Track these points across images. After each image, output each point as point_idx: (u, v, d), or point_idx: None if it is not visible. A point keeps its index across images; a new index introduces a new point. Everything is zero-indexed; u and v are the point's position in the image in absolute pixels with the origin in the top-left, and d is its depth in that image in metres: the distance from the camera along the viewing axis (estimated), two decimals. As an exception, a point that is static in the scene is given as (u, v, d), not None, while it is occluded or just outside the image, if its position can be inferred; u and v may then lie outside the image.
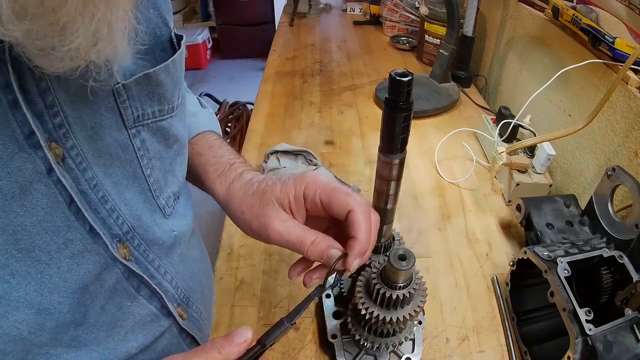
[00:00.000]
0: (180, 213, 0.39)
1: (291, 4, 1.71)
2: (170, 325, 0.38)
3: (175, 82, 0.33)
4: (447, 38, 1.04)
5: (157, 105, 0.32)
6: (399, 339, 0.48)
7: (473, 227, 0.72)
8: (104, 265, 0.29)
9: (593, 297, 0.48)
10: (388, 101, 0.33)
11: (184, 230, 0.39)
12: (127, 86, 0.28)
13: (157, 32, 0.32)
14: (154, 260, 0.34)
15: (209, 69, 3.75)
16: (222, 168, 0.43)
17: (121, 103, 0.28)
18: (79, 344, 0.29)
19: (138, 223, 0.32)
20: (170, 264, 0.37)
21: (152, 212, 0.34)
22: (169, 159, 0.35)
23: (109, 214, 0.29)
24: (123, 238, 0.30)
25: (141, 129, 0.31)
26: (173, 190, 0.37)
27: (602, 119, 0.67)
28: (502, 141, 0.80)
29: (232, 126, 1.48)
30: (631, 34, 0.66)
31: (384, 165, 0.38)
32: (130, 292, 0.32)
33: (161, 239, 0.35)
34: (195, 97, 0.54)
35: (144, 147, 0.32)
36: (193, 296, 0.42)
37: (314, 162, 0.82)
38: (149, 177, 0.33)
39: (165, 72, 0.31)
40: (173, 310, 0.37)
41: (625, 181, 0.53)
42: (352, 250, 0.35)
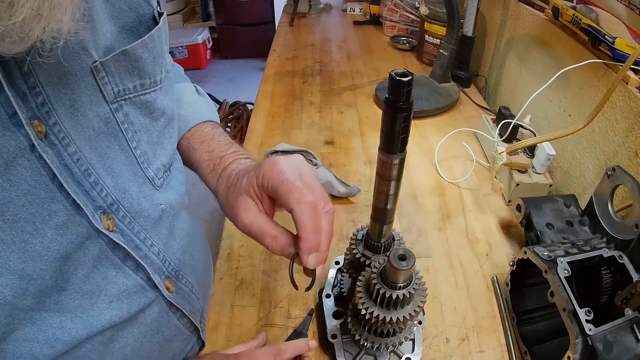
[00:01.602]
0: (172, 186, 0.40)
1: (291, 4, 1.71)
2: (157, 298, 0.38)
3: (155, 56, 0.34)
4: (447, 38, 1.04)
5: (137, 79, 0.33)
6: (399, 339, 0.48)
7: (473, 227, 0.72)
8: (87, 236, 0.30)
9: (593, 297, 0.48)
10: (388, 101, 0.33)
11: (173, 204, 0.40)
12: (105, 63, 0.29)
13: (140, 11, 0.33)
14: (139, 233, 0.35)
15: (209, 69, 3.75)
16: (213, 163, 0.45)
17: (100, 80, 0.30)
18: (63, 309, 0.30)
19: (123, 195, 0.33)
20: (158, 237, 0.37)
21: (140, 183, 0.35)
22: (156, 132, 0.36)
23: (92, 186, 0.30)
24: (107, 210, 0.31)
25: (123, 104, 0.32)
26: (162, 162, 0.38)
27: (602, 119, 0.67)
28: (502, 141, 0.80)
29: (232, 126, 1.48)
30: (631, 34, 0.66)
31: (384, 165, 0.38)
32: (115, 262, 0.33)
33: (147, 212, 0.36)
34: (192, 85, 0.54)
35: (127, 121, 0.33)
36: (183, 269, 0.42)
37: (314, 162, 0.82)
38: (135, 149, 0.34)
39: (143, 48, 0.32)
40: (159, 283, 0.38)
41: (625, 181, 0.53)
42: (301, 250, 0.36)
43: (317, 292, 0.60)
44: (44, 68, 0.26)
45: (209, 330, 0.56)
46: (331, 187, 0.76)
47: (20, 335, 0.28)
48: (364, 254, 0.48)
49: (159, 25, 0.34)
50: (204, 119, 0.50)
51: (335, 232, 0.70)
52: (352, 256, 0.49)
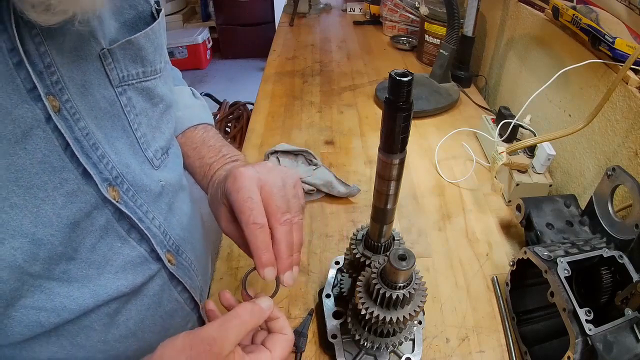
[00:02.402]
0: (169, 167, 0.42)
1: (291, 4, 1.71)
2: (160, 270, 0.41)
3: (155, 47, 0.38)
4: (447, 38, 1.04)
5: (140, 67, 0.36)
6: (399, 339, 0.48)
7: (473, 227, 0.72)
8: (95, 205, 0.32)
9: (593, 297, 0.48)
10: (388, 101, 0.33)
11: (172, 182, 0.43)
12: (112, 51, 0.33)
13: (139, 8, 0.36)
14: (142, 205, 0.37)
15: (209, 69, 3.75)
16: (203, 171, 0.48)
17: (107, 65, 0.33)
18: (71, 279, 0.32)
19: (127, 170, 0.35)
20: (159, 212, 0.40)
21: (140, 162, 0.38)
22: (155, 117, 0.39)
23: (100, 159, 0.32)
24: (113, 182, 0.34)
25: (127, 88, 0.35)
26: (160, 145, 0.41)
27: (602, 119, 0.67)
28: (502, 141, 0.80)
29: (232, 126, 1.48)
30: (631, 34, 0.66)
31: (384, 165, 0.38)
32: (120, 233, 0.36)
33: (149, 187, 0.38)
34: (188, 88, 0.56)
35: (130, 104, 0.36)
36: (183, 245, 0.44)
37: (314, 162, 0.82)
38: (136, 130, 0.37)
39: (146, 38, 0.36)
40: (162, 255, 0.40)
41: (625, 181, 0.53)
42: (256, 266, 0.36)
43: (317, 292, 0.60)
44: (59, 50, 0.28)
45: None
46: (331, 187, 0.76)
47: (28, 302, 0.29)
48: (364, 254, 0.48)
49: (159, 19, 0.38)
50: (198, 121, 0.52)
51: (335, 232, 0.70)
52: (352, 256, 0.49)
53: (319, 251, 0.67)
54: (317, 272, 0.64)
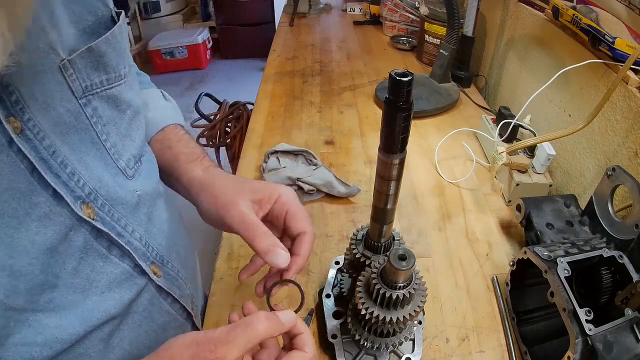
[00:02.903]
0: (144, 175, 0.41)
1: (291, 4, 1.71)
2: (147, 284, 0.40)
3: (117, 52, 0.36)
4: (447, 38, 1.04)
5: (103, 74, 0.34)
6: (399, 339, 0.48)
7: (473, 227, 0.72)
8: (70, 226, 0.31)
9: (593, 297, 0.48)
10: (388, 101, 0.33)
11: (148, 190, 0.41)
12: (72, 61, 0.31)
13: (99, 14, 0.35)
14: (120, 219, 0.36)
15: (209, 69, 3.76)
16: (195, 156, 0.47)
17: (68, 77, 0.31)
18: (57, 307, 0.31)
19: (100, 184, 0.34)
20: (138, 223, 0.39)
21: (113, 174, 0.36)
22: (124, 124, 0.38)
23: (70, 177, 0.31)
24: (86, 199, 0.32)
25: (91, 98, 0.33)
26: (132, 153, 0.39)
27: (602, 119, 0.67)
28: (502, 141, 0.80)
29: (232, 126, 1.48)
30: (631, 34, 0.66)
31: (384, 165, 0.38)
32: (101, 252, 0.34)
33: (124, 199, 0.37)
34: (158, 91, 0.55)
35: (96, 115, 0.34)
36: (167, 255, 0.43)
37: (314, 162, 0.82)
38: (105, 141, 0.35)
39: (107, 44, 0.34)
40: (146, 268, 0.39)
41: (625, 181, 0.53)
42: (295, 264, 0.40)
43: (317, 292, 0.60)
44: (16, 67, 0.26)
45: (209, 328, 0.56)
46: (331, 187, 0.76)
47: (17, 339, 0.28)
48: (364, 254, 0.48)
49: (119, 23, 0.36)
50: (172, 121, 0.51)
51: (335, 232, 0.71)
52: (352, 256, 0.49)
53: (319, 251, 0.67)
54: (317, 272, 0.64)
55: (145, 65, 3.75)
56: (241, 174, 0.84)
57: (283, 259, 0.38)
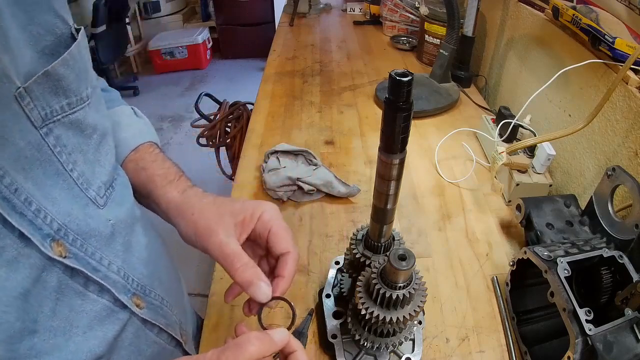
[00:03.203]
0: (117, 202, 0.39)
1: (291, 4, 1.71)
2: (130, 317, 0.38)
3: (78, 73, 0.33)
4: (447, 38, 1.04)
5: (64, 99, 0.32)
6: (399, 339, 0.48)
7: (473, 227, 0.72)
8: (42, 267, 0.29)
9: (593, 297, 0.48)
10: (388, 101, 0.33)
11: (123, 218, 0.39)
12: (29, 88, 0.28)
13: (57, 32, 0.32)
14: (94, 253, 0.34)
15: (209, 69, 3.76)
16: (171, 177, 0.45)
17: (25, 106, 0.28)
18: (40, 354, 0.29)
19: (69, 218, 0.32)
20: (114, 255, 0.37)
21: (83, 205, 0.34)
22: (91, 150, 0.35)
23: (36, 215, 0.29)
24: (56, 236, 0.30)
25: (53, 126, 0.31)
26: (103, 180, 0.37)
27: (602, 119, 0.67)
28: (502, 141, 0.80)
29: (232, 126, 1.48)
30: (631, 34, 0.66)
31: (384, 165, 0.38)
32: (77, 289, 0.32)
33: (97, 230, 0.35)
34: (129, 107, 0.53)
35: (60, 144, 0.31)
36: (149, 283, 0.42)
37: (314, 162, 0.82)
38: (72, 171, 0.33)
39: (64, 66, 0.31)
40: (127, 302, 0.37)
41: (625, 181, 0.53)
42: (279, 286, 0.39)
43: (317, 292, 0.60)
44: None
45: (209, 331, 0.56)
46: (331, 187, 0.76)
47: None
48: (364, 254, 0.48)
49: (77, 41, 0.33)
50: (145, 140, 0.49)
51: (335, 232, 0.71)
52: (352, 256, 0.49)
53: (319, 251, 0.67)
54: (317, 272, 0.64)
55: (145, 65, 3.76)
56: (241, 174, 0.84)
57: (264, 294, 0.37)
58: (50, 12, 0.31)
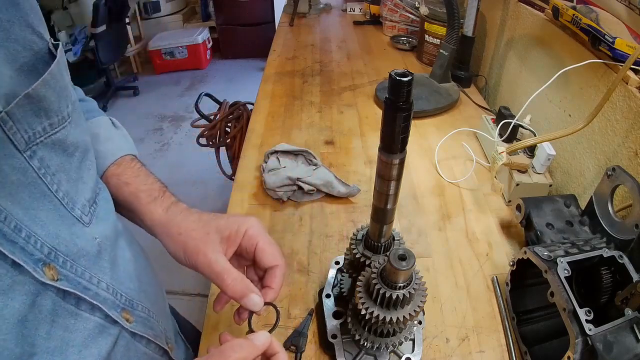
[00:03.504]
0: (101, 218, 0.39)
1: (291, 4, 1.71)
2: (120, 332, 0.39)
3: (58, 92, 0.33)
4: (447, 38, 1.04)
5: (46, 120, 0.31)
6: (399, 339, 0.48)
7: (473, 227, 0.72)
8: (36, 292, 0.29)
9: (593, 297, 0.48)
10: (388, 101, 0.33)
11: (107, 234, 0.40)
12: (10, 112, 0.28)
13: (35, 48, 0.31)
14: (84, 273, 0.35)
15: (209, 69, 3.76)
16: (155, 194, 0.45)
17: (8, 130, 0.28)
18: None
19: (57, 241, 0.32)
20: (102, 272, 0.37)
21: (70, 225, 0.34)
22: (73, 169, 0.35)
23: (26, 241, 0.29)
24: (46, 260, 0.31)
25: (36, 149, 0.31)
26: (86, 197, 0.37)
27: (602, 119, 0.67)
28: (502, 141, 0.80)
29: (232, 126, 1.48)
30: (631, 34, 0.66)
31: (384, 165, 0.38)
32: (70, 310, 0.33)
33: (85, 250, 0.35)
34: (107, 118, 0.52)
35: (44, 166, 0.31)
36: (136, 297, 0.42)
37: (314, 162, 0.82)
38: (57, 192, 0.33)
39: (45, 86, 0.31)
40: (117, 317, 0.38)
41: (625, 181, 0.53)
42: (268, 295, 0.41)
43: (317, 292, 0.60)
44: None
45: (209, 331, 0.56)
46: (331, 187, 0.76)
47: None
48: (364, 254, 0.48)
49: (57, 59, 0.33)
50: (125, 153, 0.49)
51: (335, 232, 0.71)
52: (352, 256, 0.49)
53: (319, 251, 0.67)
54: (317, 272, 0.64)
55: (145, 66, 3.76)
56: (241, 174, 0.84)
57: (256, 304, 0.40)
58: (27, 29, 0.30)
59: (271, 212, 0.75)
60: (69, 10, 3.17)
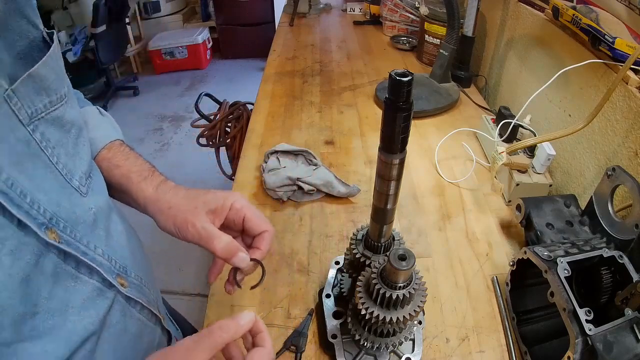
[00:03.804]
0: (95, 190, 0.42)
1: (291, 4, 1.71)
2: (116, 296, 0.42)
3: (57, 73, 0.36)
4: (447, 38, 1.04)
5: (46, 98, 0.35)
6: (399, 339, 0.48)
7: (473, 227, 0.72)
8: (39, 253, 0.32)
9: (593, 297, 0.48)
10: (388, 101, 0.33)
11: (102, 206, 0.43)
12: (15, 89, 0.31)
13: (30, 36, 0.35)
14: (82, 239, 0.38)
15: (209, 69, 3.76)
16: (145, 174, 0.49)
17: (14, 106, 0.31)
18: (40, 334, 0.32)
19: (58, 208, 0.35)
20: (98, 240, 0.40)
21: (69, 195, 0.38)
22: (70, 144, 0.39)
23: (30, 206, 0.32)
24: (48, 224, 0.33)
25: (38, 123, 0.34)
26: (82, 170, 0.40)
27: (602, 119, 0.67)
28: (502, 141, 0.80)
29: (232, 126, 1.48)
30: (631, 34, 0.66)
31: (384, 165, 0.38)
32: (70, 272, 0.36)
33: (82, 219, 0.38)
34: (94, 107, 0.55)
35: (45, 139, 0.35)
36: (129, 265, 0.45)
37: (314, 162, 0.82)
38: (57, 164, 0.36)
39: (46, 67, 0.34)
40: (113, 281, 0.41)
41: (625, 181, 0.53)
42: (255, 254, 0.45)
43: (317, 292, 0.60)
44: None
45: (209, 330, 0.56)
46: (331, 187, 0.76)
47: None
48: (364, 254, 0.48)
49: (54, 44, 0.36)
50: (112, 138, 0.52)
51: (335, 232, 0.71)
52: (352, 256, 0.49)
53: (319, 251, 0.67)
54: (317, 272, 0.64)
55: (145, 66, 3.76)
56: (241, 174, 0.84)
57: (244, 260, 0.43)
58: (23, 19, 0.34)
59: (271, 212, 0.75)
60: (69, 10, 3.17)
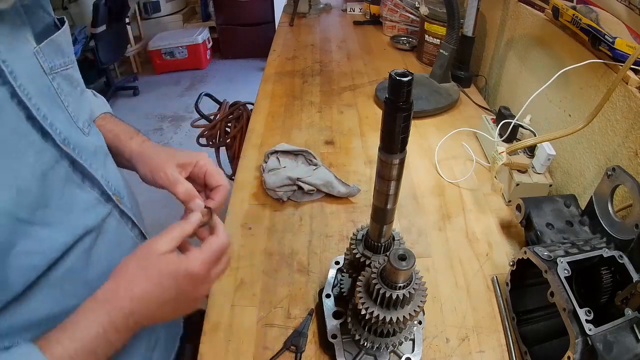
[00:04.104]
0: (96, 135, 0.53)
1: (291, 4, 1.71)
2: (112, 209, 0.51)
3: (67, 42, 0.48)
4: (447, 38, 1.04)
5: (61, 58, 0.46)
6: (399, 339, 0.48)
7: (473, 227, 0.72)
8: (56, 159, 0.42)
9: (593, 297, 0.48)
10: (388, 101, 0.33)
11: (100, 145, 0.53)
12: (42, 48, 0.43)
13: (45, 21, 0.46)
14: (87, 159, 0.47)
15: (209, 69, 3.75)
16: (132, 134, 0.59)
17: (40, 59, 0.43)
18: (49, 223, 0.41)
19: (69, 135, 0.45)
20: (98, 164, 0.50)
21: (76, 130, 0.48)
22: (76, 96, 0.49)
23: (50, 126, 0.42)
24: (62, 142, 0.43)
25: (55, 76, 0.45)
26: (85, 117, 0.50)
27: (602, 119, 0.67)
28: (502, 141, 0.80)
29: (232, 126, 1.48)
30: (631, 34, 0.66)
31: (384, 165, 0.38)
32: (77, 181, 0.46)
33: (87, 147, 0.48)
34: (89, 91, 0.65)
35: (59, 88, 0.46)
36: (121, 192, 0.54)
37: (314, 162, 0.82)
38: (67, 107, 0.47)
39: (62, 36, 0.47)
40: (112, 195, 0.50)
41: (625, 181, 0.53)
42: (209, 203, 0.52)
43: (317, 292, 0.60)
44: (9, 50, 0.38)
45: (209, 331, 0.56)
46: (331, 187, 0.76)
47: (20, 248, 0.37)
48: (364, 254, 0.48)
49: (65, 24, 0.48)
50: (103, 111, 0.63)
51: (335, 232, 0.71)
52: (352, 256, 0.49)
53: (319, 251, 0.67)
54: (317, 272, 0.64)
55: (145, 66, 3.75)
56: (241, 173, 0.84)
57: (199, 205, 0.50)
58: (40, 9, 0.45)
59: (271, 212, 0.75)
60: (69, 10, 3.17)
